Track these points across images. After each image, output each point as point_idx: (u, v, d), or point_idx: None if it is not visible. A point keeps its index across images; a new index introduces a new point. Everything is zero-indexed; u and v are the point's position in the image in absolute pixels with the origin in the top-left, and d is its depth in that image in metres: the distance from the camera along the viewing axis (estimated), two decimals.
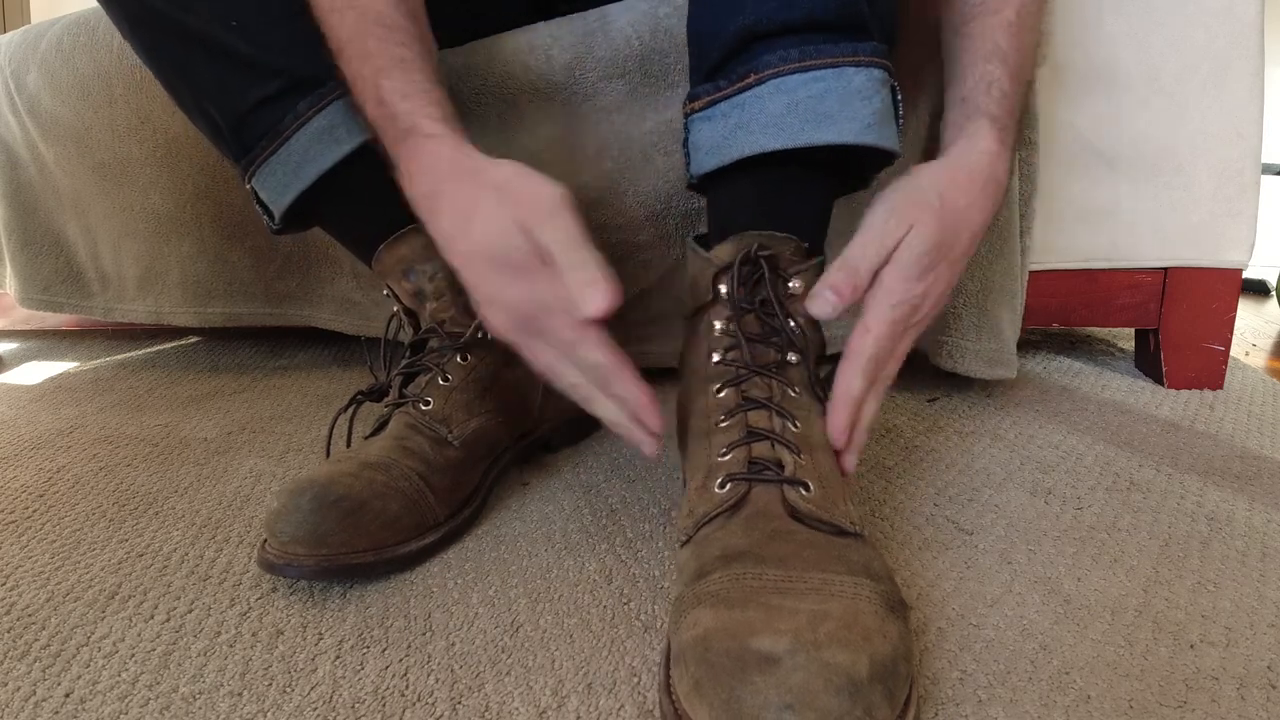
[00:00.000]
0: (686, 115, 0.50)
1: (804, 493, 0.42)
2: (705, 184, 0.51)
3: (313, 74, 0.58)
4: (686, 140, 0.51)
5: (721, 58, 0.47)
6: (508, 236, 0.44)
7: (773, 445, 0.44)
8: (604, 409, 0.47)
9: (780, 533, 0.40)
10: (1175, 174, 0.79)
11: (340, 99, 0.58)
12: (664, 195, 0.78)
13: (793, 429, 0.44)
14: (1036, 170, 0.76)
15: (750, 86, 0.46)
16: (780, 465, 0.43)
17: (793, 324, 0.46)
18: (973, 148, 0.49)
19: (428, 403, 0.58)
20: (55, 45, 0.89)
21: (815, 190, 0.50)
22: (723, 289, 0.47)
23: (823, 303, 0.44)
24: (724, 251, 0.47)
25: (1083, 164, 0.80)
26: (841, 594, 0.36)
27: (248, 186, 0.62)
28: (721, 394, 0.46)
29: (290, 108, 0.58)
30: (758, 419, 0.45)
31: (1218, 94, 0.77)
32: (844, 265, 0.45)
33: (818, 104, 0.45)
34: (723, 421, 0.46)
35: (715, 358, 0.47)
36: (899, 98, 0.48)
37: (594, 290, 0.42)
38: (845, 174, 0.52)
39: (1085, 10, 0.77)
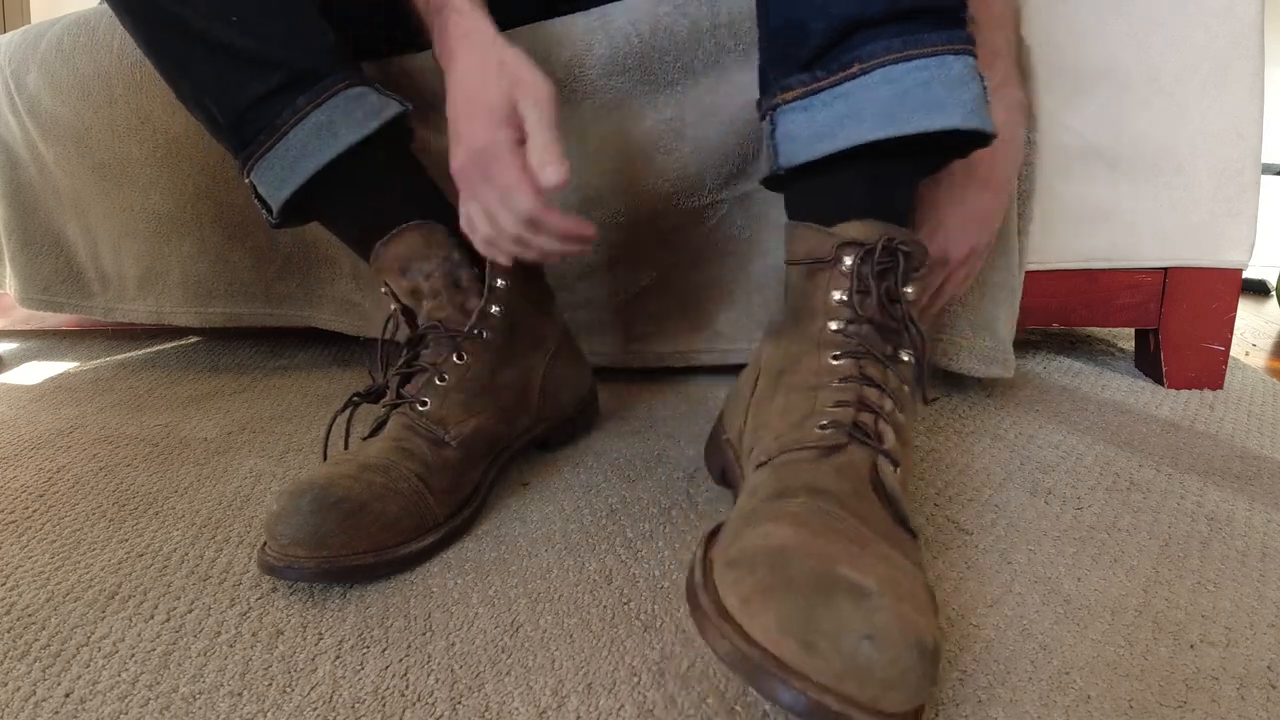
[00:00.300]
0: (774, 108, 0.50)
1: (893, 470, 0.43)
2: (794, 175, 0.51)
3: (312, 67, 0.58)
4: (773, 133, 0.51)
5: (820, 48, 0.48)
6: (497, 95, 0.55)
7: (878, 420, 0.45)
8: (537, 244, 0.57)
9: (863, 494, 0.41)
10: (1175, 174, 0.79)
11: (339, 94, 0.58)
12: (664, 194, 0.78)
13: (899, 416, 0.46)
14: (1036, 170, 0.76)
15: (855, 76, 0.47)
16: (881, 439, 0.44)
17: (912, 327, 0.48)
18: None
19: (425, 403, 0.58)
20: (55, 45, 0.89)
21: (912, 177, 0.52)
22: (848, 260, 0.48)
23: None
24: (852, 229, 0.48)
25: (1083, 164, 0.80)
26: (906, 574, 0.37)
27: (246, 181, 0.62)
28: (838, 361, 0.47)
29: (288, 103, 0.58)
30: (870, 394, 0.46)
31: (1218, 94, 0.77)
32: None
33: (925, 92, 0.46)
34: (835, 384, 0.46)
35: (834, 326, 0.48)
36: (985, 83, 0.49)
37: (554, 168, 0.53)
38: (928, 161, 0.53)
39: (1085, 10, 0.77)
